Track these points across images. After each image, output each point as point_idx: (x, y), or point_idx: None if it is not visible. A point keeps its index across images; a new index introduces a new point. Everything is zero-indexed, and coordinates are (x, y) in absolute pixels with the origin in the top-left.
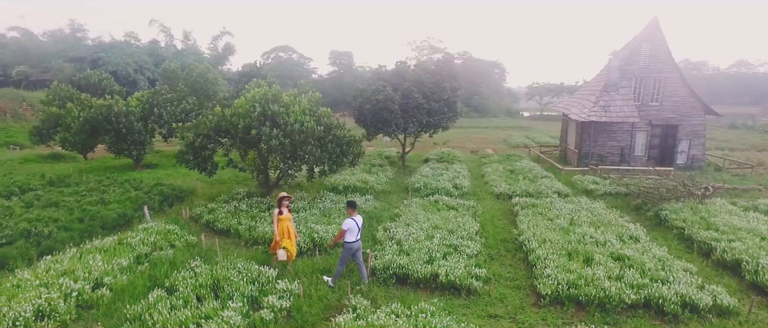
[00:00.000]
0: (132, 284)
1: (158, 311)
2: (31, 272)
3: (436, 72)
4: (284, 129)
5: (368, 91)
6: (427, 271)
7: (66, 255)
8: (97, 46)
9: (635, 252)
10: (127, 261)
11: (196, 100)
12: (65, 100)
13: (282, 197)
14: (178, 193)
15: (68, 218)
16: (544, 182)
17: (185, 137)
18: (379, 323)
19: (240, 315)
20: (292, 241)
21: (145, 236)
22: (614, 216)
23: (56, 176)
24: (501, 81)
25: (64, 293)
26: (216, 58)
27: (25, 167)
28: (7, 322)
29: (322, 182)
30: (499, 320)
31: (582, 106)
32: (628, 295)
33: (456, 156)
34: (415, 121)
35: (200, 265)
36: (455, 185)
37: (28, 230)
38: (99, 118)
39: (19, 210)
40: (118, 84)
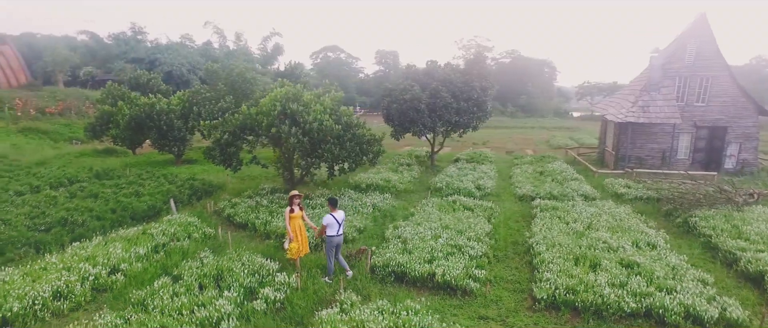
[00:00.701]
0: (145, 271)
1: (160, 296)
2: (59, 257)
3: (465, 71)
4: (303, 127)
5: (396, 91)
6: (425, 270)
7: (92, 242)
8: (154, 48)
9: (647, 259)
10: (145, 250)
11: (233, 99)
12: (117, 98)
13: (293, 196)
14: (207, 187)
15: (103, 208)
16: (573, 184)
17: (212, 135)
18: (361, 318)
19: (232, 304)
20: (303, 238)
21: (167, 227)
22: (636, 221)
23: (102, 170)
24: (551, 80)
25: (82, 276)
26: (265, 58)
27: (79, 161)
28: (28, 300)
29: (346, 180)
30: (489, 322)
31: (620, 106)
32: (628, 303)
33: (487, 156)
34: (444, 121)
35: (208, 256)
36: (478, 186)
37: (65, 219)
38: (142, 115)
39: (62, 200)
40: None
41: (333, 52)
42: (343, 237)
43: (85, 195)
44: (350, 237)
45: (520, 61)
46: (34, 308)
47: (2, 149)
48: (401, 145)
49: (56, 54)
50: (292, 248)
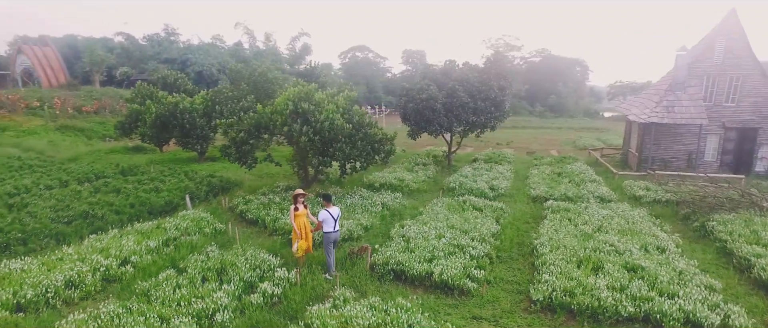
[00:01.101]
0: (154, 264)
1: (163, 288)
2: (75, 248)
3: (483, 71)
4: (314, 126)
5: (413, 91)
6: (423, 269)
7: (108, 235)
8: (186, 49)
9: (653, 264)
10: (156, 243)
11: (255, 99)
12: (145, 97)
13: (297, 194)
14: (225, 184)
15: (123, 203)
16: (590, 186)
17: (229, 133)
18: (350, 314)
19: (229, 297)
20: (308, 236)
21: (180, 222)
22: (649, 225)
23: (128, 166)
24: (583, 79)
25: (93, 267)
26: (293, 58)
27: (109, 157)
28: (41, 288)
29: (361, 178)
30: (482, 322)
31: (643, 106)
32: (626, 307)
33: (506, 157)
34: (461, 121)
35: (214, 250)
36: (492, 186)
37: (86, 212)
38: (166, 114)
39: (86, 194)
40: (203, 83)
41: (361, 51)
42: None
43: (108, 190)
44: (356, 235)
45: (551, 60)
46: (46, 296)
47: (40, 146)
48: (424, 144)
49: (93, 55)
50: (301, 245)
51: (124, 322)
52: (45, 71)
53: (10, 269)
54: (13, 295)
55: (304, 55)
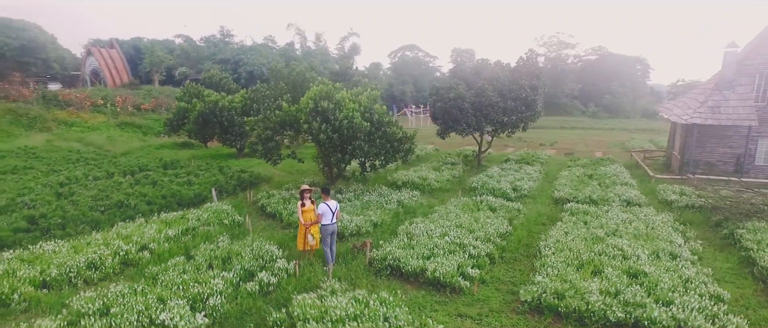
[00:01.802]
0: (169, 251)
1: (170, 272)
2: (103, 234)
3: (515, 69)
4: (333, 124)
5: (443, 89)
6: (418, 265)
7: (135, 223)
8: (239, 49)
9: (659, 270)
10: (175, 232)
11: (291, 97)
12: (192, 96)
13: (303, 190)
14: (254, 179)
15: (156, 194)
16: (619, 189)
17: (255, 130)
18: (332, 304)
19: (226, 283)
20: (315, 231)
21: (202, 214)
22: (669, 230)
23: (170, 161)
24: (643, 78)
25: (114, 251)
26: (342, 57)
27: (157, 152)
28: (65, 268)
29: (384, 177)
30: (465, 319)
31: (686, 106)
32: (615, 312)
33: (539, 157)
34: (490, 120)
35: (225, 240)
36: (514, 187)
37: (121, 202)
38: (207, 112)
39: (126, 185)
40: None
41: (411, 51)
42: (350, 229)
43: (146, 182)
44: (364, 231)
45: (608, 59)
46: (69, 275)
47: (99, 141)
48: (459, 144)
49: (153, 56)
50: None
51: (127, 301)
52: (110, 72)
53: (43, 250)
54: (40, 273)
55: (352, 54)
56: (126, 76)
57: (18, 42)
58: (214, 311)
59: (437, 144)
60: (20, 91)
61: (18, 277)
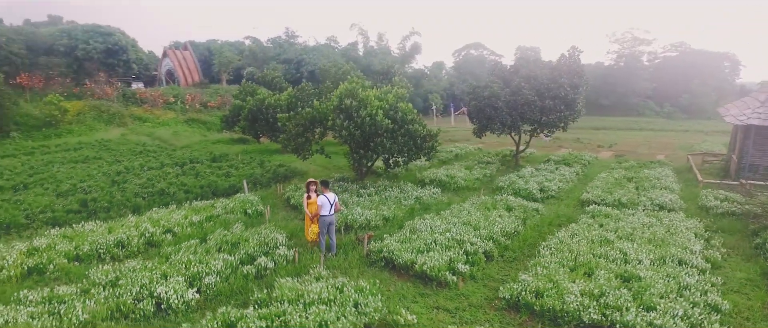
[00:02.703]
0: (188, 235)
1: (181, 253)
2: (136, 218)
3: (555, 67)
4: (355, 121)
5: (479, 88)
6: (409, 258)
7: (167, 209)
8: (301, 50)
9: (657, 275)
10: (199, 218)
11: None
12: (247, 94)
13: (309, 183)
14: (289, 173)
15: (195, 184)
16: (655, 192)
17: (287, 126)
18: (307, 288)
19: (223, 264)
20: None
21: (229, 203)
22: (688, 236)
23: (219, 154)
24: (732, 76)
25: (141, 233)
26: (403, 56)
27: (212, 146)
28: (96, 245)
29: (413, 174)
30: (440, 312)
31: (745, 106)
32: (590, 314)
33: (582, 159)
34: (526, 120)
35: (240, 227)
36: (542, 188)
37: (162, 190)
38: (255, 109)
39: (172, 175)
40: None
41: (475, 49)
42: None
43: (191, 173)
44: (373, 224)
45: (689, 55)
46: (99, 251)
47: (165, 135)
48: (505, 144)
49: (222, 57)
50: (313, 229)
51: (135, 275)
52: (183, 72)
53: (84, 229)
54: (74, 248)
55: (414, 53)
56: (197, 75)
57: (104, 45)
58: (208, 289)
59: (480, 143)
60: (104, 90)
61: (56, 250)
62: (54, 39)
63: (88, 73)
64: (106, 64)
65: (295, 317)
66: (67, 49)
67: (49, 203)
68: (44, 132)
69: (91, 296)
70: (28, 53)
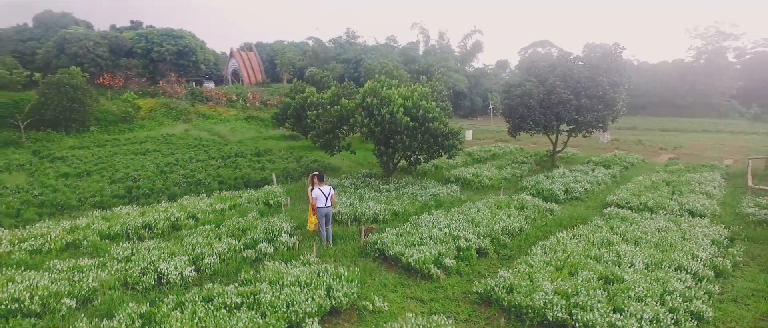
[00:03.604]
0: (209, 220)
1: (194, 236)
2: (168, 204)
3: (594, 65)
4: (376, 119)
5: (513, 86)
6: (397, 251)
7: (198, 197)
8: (360, 50)
9: (643, 278)
10: (222, 206)
11: None
12: (297, 93)
13: (313, 176)
14: (320, 168)
15: (231, 175)
16: (690, 197)
17: (316, 123)
18: (287, 271)
19: (226, 247)
20: None
21: (254, 194)
22: (703, 243)
23: (263, 149)
24: None
25: (167, 217)
26: (463, 55)
27: (262, 142)
28: (125, 226)
29: (440, 171)
30: (414, 301)
31: None
32: (554, 312)
33: (624, 161)
34: (561, 119)
35: (254, 215)
36: (567, 189)
37: (200, 180)
38: (298, 107)
39: (213, 167)
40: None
41: (543, 47)
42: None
43: (231, 166)
44: (381, 218)
45: None
46: (127, 232)
47: (223, 131)
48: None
49: (283, 57)
50: (313, 220)
51: (149, 253)
52: (247, 71)
53: (121, 212)
54: (108, 228)
55: (475, 52)
56: (260, 75)
57: (175, 47)
58: (206, 268)
59: (522, 143)
60: (174, 89)
61: (92, 229)
62: (133, 42)
63: (161, 74)
64: (177, 65)
65: (268, 296)
66: (143, 51)
67: (100, 188)
68: (119, 127)
69: (105, 268)
70: (111, 56)
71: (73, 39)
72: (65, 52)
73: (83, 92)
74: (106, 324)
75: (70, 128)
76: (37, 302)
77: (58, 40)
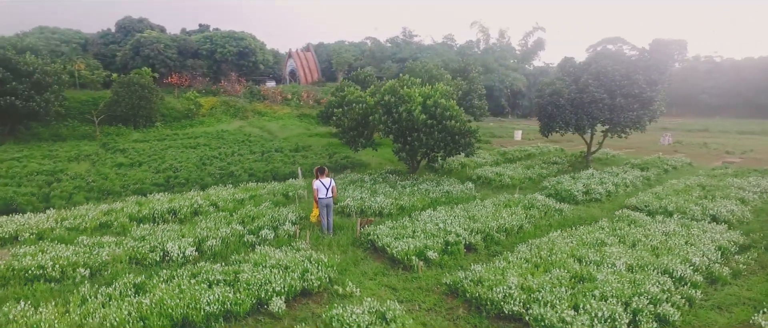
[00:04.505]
0: (228, 208)
1: (206, 221)
2: (197, 192)
3: (631, 63)
4: (393, 116)
5: (545, 85)
6: (384, 242)
7: (224, 187)
8: (416, 49)
9: (618, 278)
10: (242, 196)
11: None
12: (341, 91)
13: (317, 169)
14: (352, 164)
15: (262, 168)
16: (721, 203)
17: (343, 121)
18: (272, 255)
19: (230, 232)
20: None
21: (276, 186)
22: (707, 249)
23: (303, 145)
24: None
25: (191, 204)
26: (524, 53)
27: (307, 139)
28: (153, 211)
29: (465, 170)
30: (387, 289)
31: None
32: (511, 306)
33: (664, 163)
34: (594, 118)
35: (266, 205)
36: (587, 191)
37: (232, 172)
38: (336, 104)
39: (249, 161)
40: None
41: (613, 44)
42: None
43: (267, 160)
44: (386, 211)
45: None
46: (154, 216)
47: (273, 127)
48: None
49: (339, 57)
50: (315, 213)
51: (163, 234)
52: (304, 71)
53: (153, 198)
54: (138, 212)
55: (536, 50)
56: (316, 74)
57: (236, 49)
58: (208, 249)
59: (564, 144)
60: (234, 87)
61: (124, 212)
62: (199, 44)
63: (223, 73)
64: (237, 65)
65: (246, 275)
66: (208, 52)
67: (143, 177)
68: (181, 123)
69: (122, 245)
70: (179, 57)
71: (146, 42)
72: (140, 54)
73: (150, 91)
74: (104, 290)
75: (138, 124)
76: (57, 269)
77: (134, 44)
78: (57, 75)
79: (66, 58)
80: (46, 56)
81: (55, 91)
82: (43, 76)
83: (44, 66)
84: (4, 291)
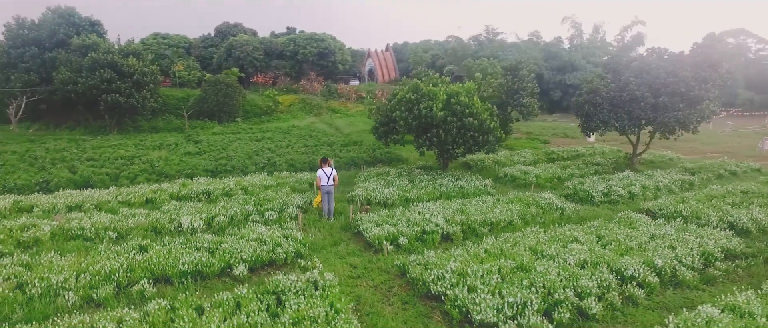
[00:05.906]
0: (254, 192)
1: (225, 202)
2: (231, 178)
3: (677, 60)
4: (414, 113)
5: (585, 83)
6: (365, 227)
7: (260, 175)
8: (498, 46)
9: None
10: (270, 183)
11: None
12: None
13: (322, 159)
14: (389, 158)
15: (302, 160)
16: (745, 210)
17: (376, 117)
18: (259, 231)
19: (239, 211)
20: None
21: (306, 176)
22: (681, 252)
23: (355, 141)
24: None
25: (223, 187)
26: (621, 49)
27: (364, 134)
28: (192, 191)
29: (493, 167)
30: (349, 267)
31: None
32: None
33: (721, 168)
34: (635, 117)
35: (284, 191)
36: (608, 192)
37: (275, 162)
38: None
39: (294, 151)
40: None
41: (735, 37)
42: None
43: (310, 153)
44: (390, 202)
45: None
46: (191, 195)
47: (341, 124)
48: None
49: (416, 56)
50: (317, 199)
51: (185, 210)
52: (381, 70)
53: (194, 181)
54: (178, 192)
55: (635, 45)
56: (394, 73)
57: (317, 50)
58: (216, 224)
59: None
60: (312, 86)
61: (167, 192)
62: (283, 46)
63: (304, 73)
64: (318, 65)
65: (229, 244)
66: (291, 53)
67: (198, 163)
68: (261, 119)
69: (150, 216)
70: (265, 58)
71: (237, 45)
72: (232, 55)
73: (233, 89)
74: (114, 247)
75: (222, 119)
76: (93, 231)
77: (227, 47)
78: (153, 75)
79: (168, 60)
80: (146, 60)
81: (151, 90)
82: (141, 76)
83: (143, 67)
84: (52, 244)
